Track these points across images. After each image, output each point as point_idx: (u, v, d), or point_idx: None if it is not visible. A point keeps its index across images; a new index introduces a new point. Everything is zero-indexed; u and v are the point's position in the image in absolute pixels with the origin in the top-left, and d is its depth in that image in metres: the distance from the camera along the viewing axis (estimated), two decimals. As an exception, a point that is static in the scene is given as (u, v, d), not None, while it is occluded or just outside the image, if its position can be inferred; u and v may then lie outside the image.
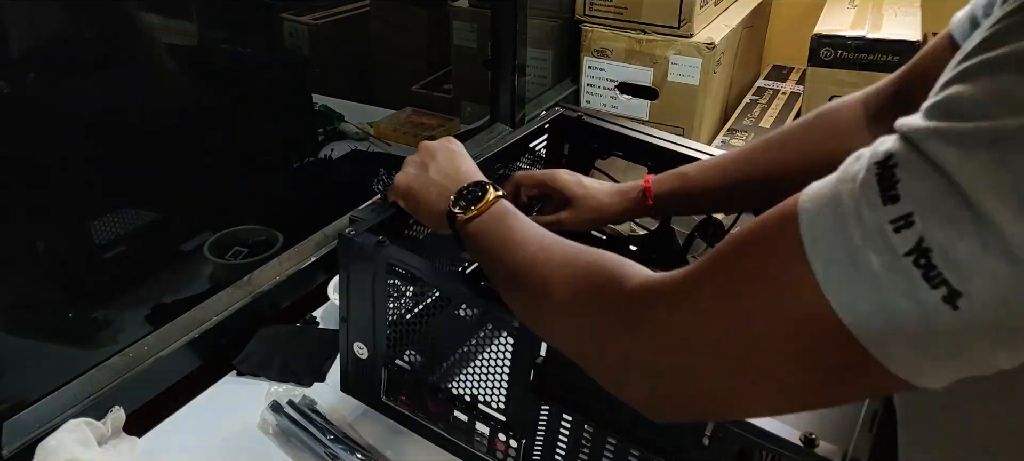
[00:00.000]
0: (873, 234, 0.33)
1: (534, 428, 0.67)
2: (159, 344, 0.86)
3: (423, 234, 0.80)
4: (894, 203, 0.33)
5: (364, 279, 0.70)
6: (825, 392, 0.39)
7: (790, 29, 1.91)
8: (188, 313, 0.91)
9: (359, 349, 0.75)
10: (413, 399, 0.75)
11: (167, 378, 0.86)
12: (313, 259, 1.03)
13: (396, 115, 1.55)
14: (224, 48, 1.14)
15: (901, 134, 0.34)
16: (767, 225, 0.39)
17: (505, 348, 0.66)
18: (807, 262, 0.35)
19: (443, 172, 0.69)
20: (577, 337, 0.52)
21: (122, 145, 0.94)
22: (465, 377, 0.71)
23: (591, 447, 0.65)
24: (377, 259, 0.68)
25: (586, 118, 0.96)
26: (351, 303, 0.73)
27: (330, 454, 0.75)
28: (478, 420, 0.71)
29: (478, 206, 0.63)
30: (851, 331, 0.35)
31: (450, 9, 1.59)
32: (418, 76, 1.68)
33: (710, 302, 0.41)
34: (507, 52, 1.38)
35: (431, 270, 0.68)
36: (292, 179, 1.28)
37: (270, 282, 0.98)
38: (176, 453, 0.77)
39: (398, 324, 0.73)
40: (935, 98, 0.34)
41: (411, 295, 0.72)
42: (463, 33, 1.57)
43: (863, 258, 0.33)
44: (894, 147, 0.34)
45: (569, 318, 0.52)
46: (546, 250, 0.56)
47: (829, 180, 0.37)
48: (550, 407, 0.65)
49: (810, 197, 0.37)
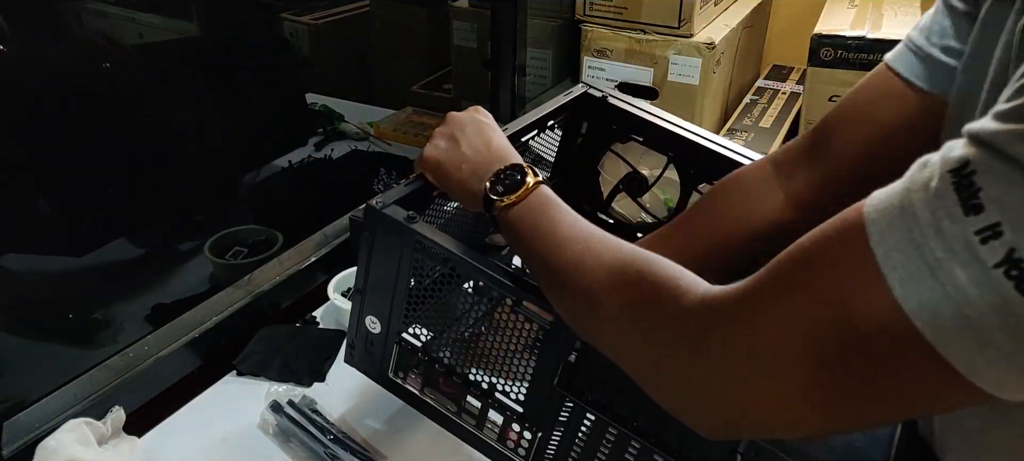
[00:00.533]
0: (956, 247, 0.32)
1: (553, 423, 0.65)
2: (159, 344, 0.86)
3: (450, 208, 0.78)
4: (977, 213, 0.31)
5: (388, 254, 0.67)
6: (902, 406, 0.38)
7: (790, 29, 1.91)
8: (188, 313, 0.90)
9: (372, 323, 0.72)
10: (424, 377, 0.72)
11: (167, 378, 0.86)
12: (313, 259, 1.03)
13: (396, 115, 1.55)
14: (224, 48, 1.14)
15: (975, 139, 0.33)
16: (830, 238, 0.38)
17: (534, 340, 0.63)
18: (882, 276, 0.34)
19: (474, 147, 0.66)
20: (629, 351, 0.49)
21: (121, 145, 0.94)
22: (484, 362, 0.68)
23: (612, 448, 0.62)
24: (405, 235, 0.65)
25: (612, 99, 0.93)
26: (370, 276, 0.70)
27: (330, 454, 0.75)
28: (492, 408, 0.68)
29: (517, 193, 0.60)
30: (934, 346, 0.33)
31: (450, 9, 1.59)
32: (418, 76, 1.69)
33: (777, 316, 0.40)
34: (507, 52, 1.38)
35: (467, 254, 0.64)
36: (292, 179, 1.28)
37: (270, 282, 0.98)
38: (176, 453, 0.77)
39: (417, 302, 0.70)
40: (1010, 104, 0.33)
41: (437, 275, 0.68)
42: (463, 33, 1.57)
43: (946, 271, 0.32)
44: (968, 153, 0.32)
45: (620, 331, 0.49)
46: (592, 251, 0.53)
47: (895, 189, 0.35)
48: (574, 404, 0.63)
49: (876, 208, 0.35)
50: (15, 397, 0.75)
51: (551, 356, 0.62)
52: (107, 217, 0.97)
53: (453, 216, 0.82)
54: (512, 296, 0.62)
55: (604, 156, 0.97)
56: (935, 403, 0.38)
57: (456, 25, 1.58)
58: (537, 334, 0.62)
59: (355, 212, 1.00)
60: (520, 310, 0.63)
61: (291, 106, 1.29)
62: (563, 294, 0.55)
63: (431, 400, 0.73)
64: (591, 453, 0.64)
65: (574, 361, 0.61)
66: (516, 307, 0.63)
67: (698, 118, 1.48)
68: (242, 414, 0.81)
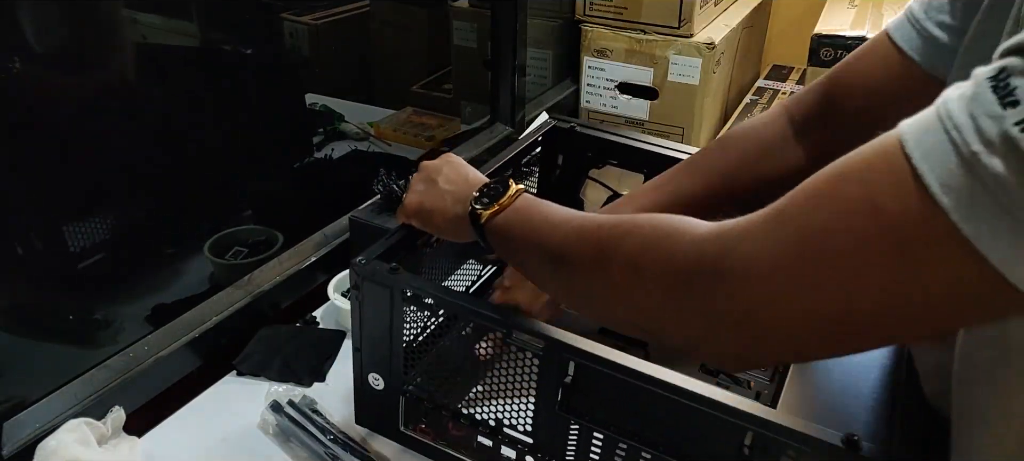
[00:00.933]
0: (994, 139, 0.33)
1: (564, 447, 0.65)
2: (159, 344, 0.86)
3: (435, 246, 0.79)
4: (1016, 106, 0.33)
5: (378, 308, 0.68)
6: (938, 313, 0.38)
7: (790, 29, 1.91)
8: (188, 313, 0.91)
9: (374, 380, 0.73)
10: (433, 426, 0.73)
11: (167, 378, 0.86)
12: (313, 259, 1.03)
13: (396, 115, 1.55)
14: (223, 47, 1.14)
15: (1011, 51, 0.34)
16: (863, 152, 0.39)
17: (531, 369, 0.63)
18: (918, 176, 0.35)
19: (452, 181, 0.68)
20: (647, 301, 0.49)
21: (120, 145, 0.94)
22: (488, 400, 0.69)
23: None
24: (392, 286, 0.67)
25: (579, 128, 0.96)
26: (364, 333, 0.71)
27: (330, 454, 0.75)
28: (504, 444, 0.69)
29: (502, 200, 0.61)
30: (971, 240, 0.34)
31: (450, 9, 1.59)
32: (418, 76, 1.68)
33: (808, 226, 0.40)
34: (507, 52, 1.38)
35: (448, 296, 0.66)
36: (292, 179, 1.28)
37: (270, 282, 0.98)
38: (176, 453, 0.77)
39: (414, 351, 0.71)
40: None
41: (427, 321, 0.70)
42: (463, 33, 1.57)
43: (983, 164, 0.33)
44: (1004, 62, 0.34)
45: (637, 283, 0.49)
46: (591, 218, 0.54)
47: (928, 109, 0.37)
48: (580, 425, 0.63)
49: (910, 123, 0.37)
50: (15, 397, 0.75)
51: (549, 381, 0.63)
52: (107, 217, 0.97)
53: (454, 254, 0.85)
54: (501, 328, 0.63)
55: (584, 183, 0.99)
56: (971, 308, 0.38)
57: (456, 25, 1.58)
58: (532, 362, 0.63)
59: (355, 212, 1.00)
60: (511, 341, 0.63)
61: (293, 113, 1.29)
62: (572, 270, 0.55)
63: (446, 448, 0.73)
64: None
65: (570, 382, 0.61)
66: (507, 338, 0.63)
67: (698, 118, 1.48)
68: (242, 414, 0.81)
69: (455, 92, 1.64)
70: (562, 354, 0.60)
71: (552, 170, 0.99)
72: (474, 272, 0.94)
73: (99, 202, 0.95)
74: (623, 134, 0.95)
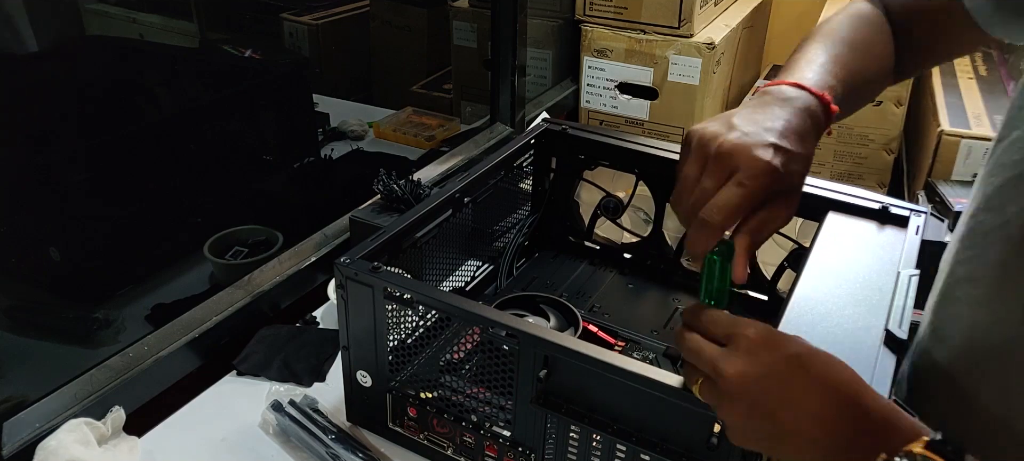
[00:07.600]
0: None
1: (543, 442, 0.67)
2: (159, 344, 0.86)
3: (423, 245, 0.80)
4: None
5: (362, 306, 0.70)
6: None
7: (790, 29, 1.91)
8: (188, 313, 0.90)
9: (362, 377, 0.75)
10: (419, 422, 0.74)
11: (167, 378, 0.86)
12: (313, 259, 1.03)
13: (396, 115, 1.55)
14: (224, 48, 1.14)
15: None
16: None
17: (507, 365, 0.65)
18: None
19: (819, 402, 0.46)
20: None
21: (120, 145, 0.94)
22: (470, 396, 0.71)
23: (602, 454, 0.64)
24: (373, 285, 0.68)
25: (570, 130, 0.96)
26: (351, 332, 0.73)
27: (331, 454, 0.75)
28: (486, 439, 0.70)
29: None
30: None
31: (450, 9, 1.59)
32: (418, 76, 1.69)
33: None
34: (507, 52, 1.38)
35: (427, 292, 0.68)
36: (292, 179, 1.28)
37: (270, 282, 0.98)
38: (176, 453, 0.77)
39: (400, 349, 0.73)
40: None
41: (411, 318, 0.72)
42: (463, 33, 1.57)
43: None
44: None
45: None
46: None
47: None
48: (557, 419, 0.65)
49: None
50: (15, 397, 0.75)
51: (525, 376, 0.64)
52: (107, 219, 0.97)
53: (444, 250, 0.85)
54: (477, 324, 0.65)
55: (578, 185, 1.00)
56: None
57: (456, 25, 1.58)
58: (508, 357, 0.64)
59: (355, 212, 1.00)
60: (488, 336, 0.64)
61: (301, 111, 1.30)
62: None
63: (429, 443, 0.75)
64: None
65: (544, 376, 0.63)
66: (484, 335, 0.64)
67: (698, 118, 1.47)
68: (242, 414, 0.81)
69: (455, 92, 1.64)
70: (535, 348, 0.62)
71: (546, 172, 1.00)
72: (474, 271, 0.95)
73: (99, 202, 0.95)
74: (614, 135, 0.94)
